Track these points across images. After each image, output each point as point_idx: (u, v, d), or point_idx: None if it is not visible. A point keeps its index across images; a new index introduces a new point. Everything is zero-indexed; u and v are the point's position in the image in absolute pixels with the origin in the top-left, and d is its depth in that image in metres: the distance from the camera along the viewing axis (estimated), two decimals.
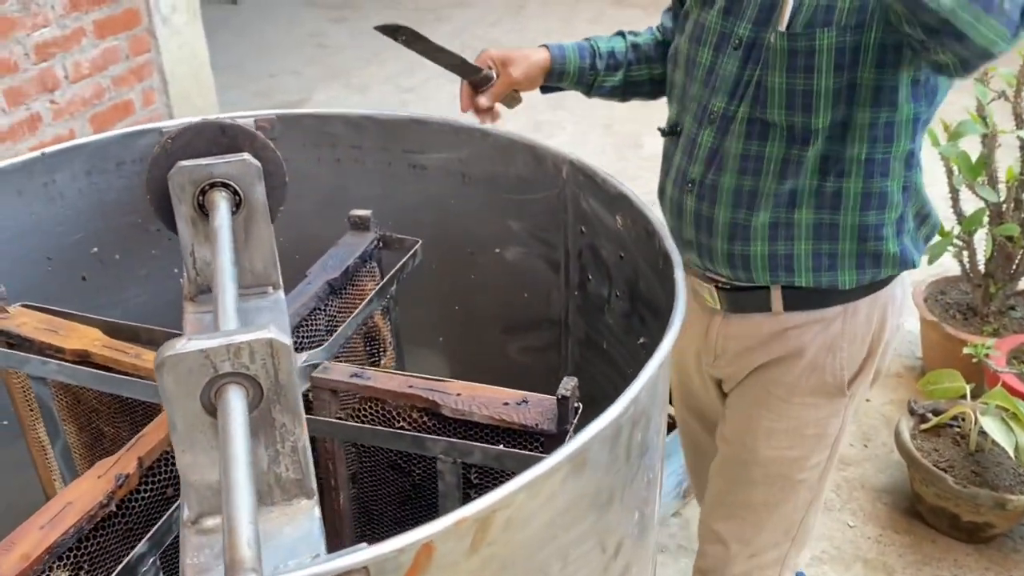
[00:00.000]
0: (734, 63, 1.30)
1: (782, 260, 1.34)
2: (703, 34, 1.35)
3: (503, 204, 1.33)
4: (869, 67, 1.21)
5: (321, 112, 1.39)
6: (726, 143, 1.29)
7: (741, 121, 1.29)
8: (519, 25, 5.93)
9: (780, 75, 1.24)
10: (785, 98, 1.25)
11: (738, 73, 1.29)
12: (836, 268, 1.34)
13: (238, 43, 5.63)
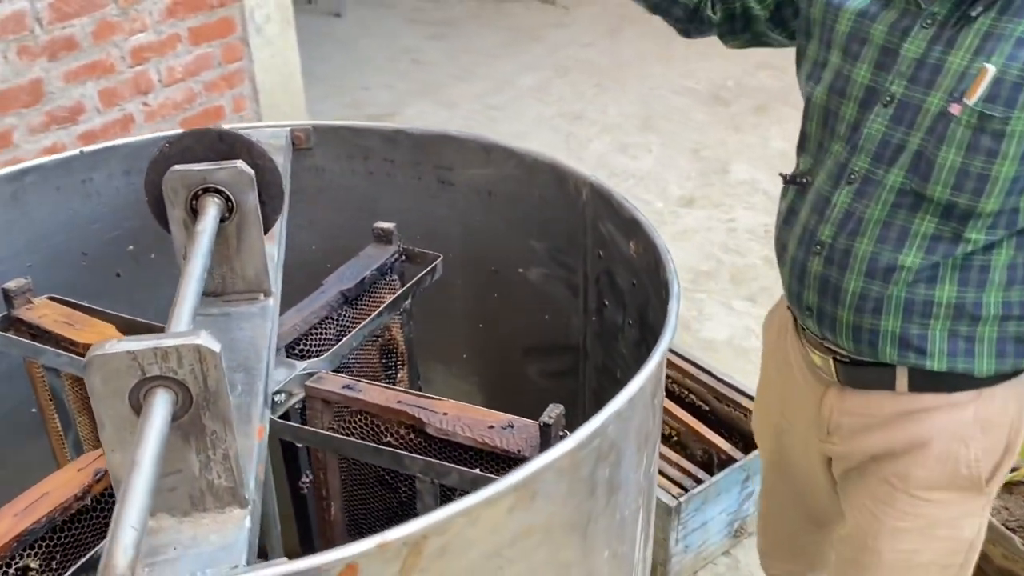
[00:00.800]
0: (883, 122, 1.17)
1: (914, 340, 1.20)
2: (847, 87, 1.22)
3: (527, 224, 1.32)
4: None
5: (355, 124, 1.40)
6: (867, 207, 1.17)
7: (890, 189, 1.16)
8: (614, 47, 5.91)
9: (955, 152, 1.11)
10: (955, 178, 1.12)
11: (887, 134, 1.17)
12: (973, 354, 1.20)
13: (337, 55, 5.77)
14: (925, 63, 1.14)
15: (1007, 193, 1.11)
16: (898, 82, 1.16)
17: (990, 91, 1.07)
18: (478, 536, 0.70)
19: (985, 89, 1.08)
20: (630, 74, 5.44)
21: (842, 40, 1.23)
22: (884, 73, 1.18)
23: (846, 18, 1.22)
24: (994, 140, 1.09)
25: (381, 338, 1.31)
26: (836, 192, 1.21)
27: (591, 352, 1.31)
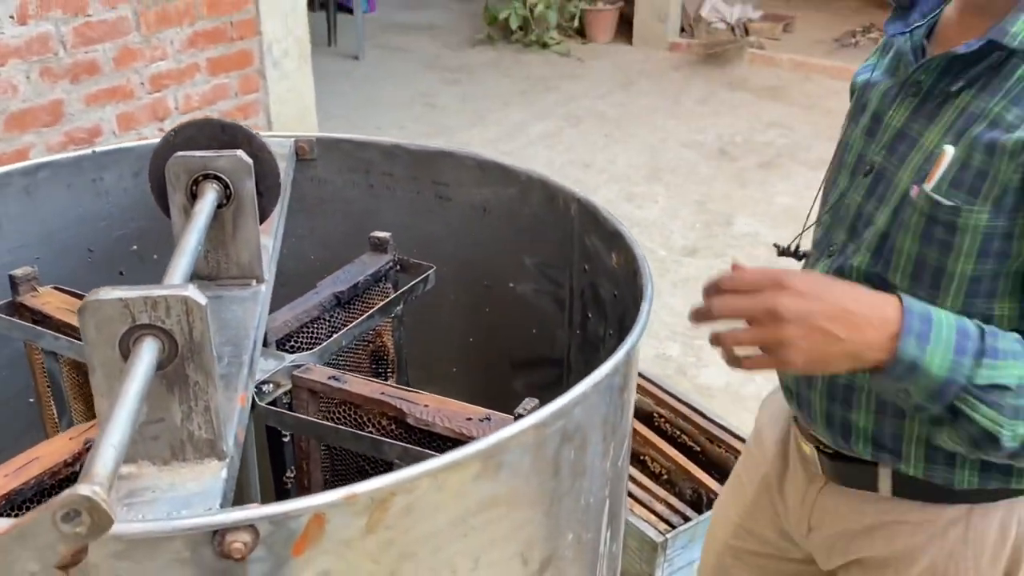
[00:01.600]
0: (860, 193, 1.12)
1: (888, 440, 1.11)
2: (845, 154, 1.18)
3: (519, 240, 1.36)
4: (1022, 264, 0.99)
5: (358, 138, 1.46)
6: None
7: (857, 270, 1.10)
8: (625, 100, 6.02)
9: (911, 240, 1.04)
10: (912, 267, 1.05)
11: (862, 206, 1.12)
12: (954, 464, 1.09)
13: (353, 95, 5.89)
14: (905, 135, 1.09)
15: (969, 295, 1.02)
16: (878, 151, 1.11)
17: (948, 177, 1.00)
18: (444, 501, 0.73)
19: (942, 174, 1.00)
20: (640, 126, 5.54)
21: (852, 109, 1.21)
22: (871, 140, 1.14)
23: (860, 87, 1.20)
24: (946, 231, 1.00)
25: (372, 344, 1.35)
26: (818, 265, 1.17)
27: (574, 364, 1.35)
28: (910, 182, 1.04)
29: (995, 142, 0.97)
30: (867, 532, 1.19)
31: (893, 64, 1.15)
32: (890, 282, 1.06)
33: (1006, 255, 0.98)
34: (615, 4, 7.11)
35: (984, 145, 0.98)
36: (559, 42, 6.92)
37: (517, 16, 6.79)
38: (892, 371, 0.90)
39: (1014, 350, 0.91)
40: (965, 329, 0.92)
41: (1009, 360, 0.90)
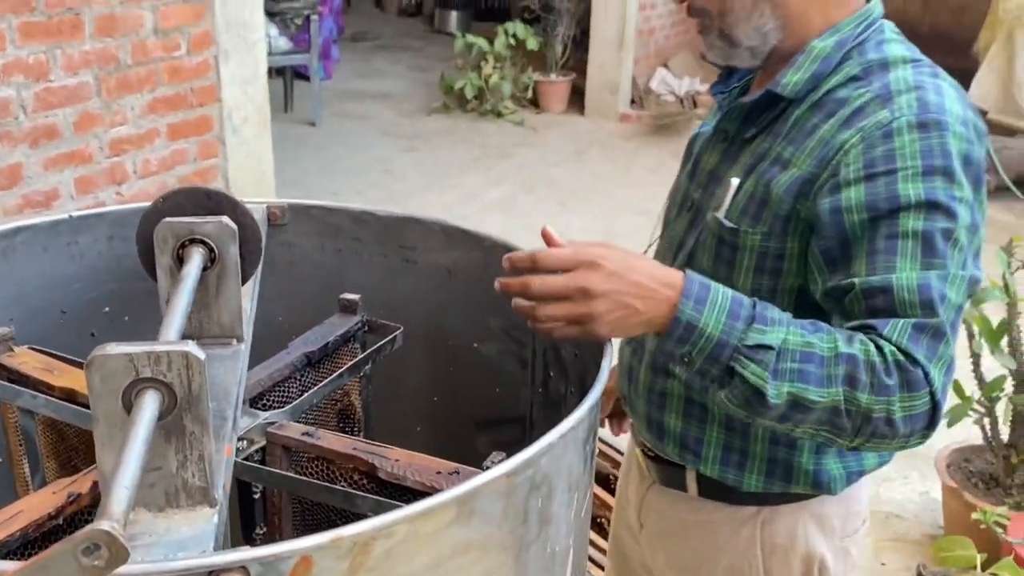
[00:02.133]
0: (683, 225, 1.32)
1: (692, 443, 1.28)
2: (676, 194, 1.39)
3: (483, 302, 1.42)
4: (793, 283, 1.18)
5: (328, 204, 1.52)
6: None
7: None
8: (579, 168, 6.17)
9: (707, 259, 1.23)
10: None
11: (682, 236, 1.31)
12: (744, 467, 1.25)
13: (311, 161, 5.96)
14: (715, 174, 1.28)
15: None
16: (697, 190, 1.31)
17: (738, 205, 1.19)
18: (421, 545, 0.78)
19: (730, 202, 1.20)
20: (593, 194, 5.68)
21: (684, 157, 1.42)
22: (693, 182, 1.33)
23: (692, 139, 1.41)
24: (731, 251, 1.19)
25: (340, 402, 1.40)
26: None
27: (537, 423, 1.41)
28: (712, 212, 1.23)
29: (773, 177, 1.16)
30: (681, 530, 1.34)
31: (714, 119, 1.36)
32: None
33: (780, 272, 1.17)
34: (567, 76, 7.32)
35: (765, 180, 1.17)
36: (513, 111, 7.09)
37: (473, 86, 6.95)
38: (673, 332, 1.02)
39: (782, 319, 1.04)
40: (740, 299, 1.04)
41: (776, 327, 1.02)
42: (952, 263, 1.05)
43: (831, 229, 1.09)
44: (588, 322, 1.00)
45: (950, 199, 1.06)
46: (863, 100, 1.13)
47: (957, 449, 2.91)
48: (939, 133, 1.08)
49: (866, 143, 1.09)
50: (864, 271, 1.06)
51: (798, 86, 1.18)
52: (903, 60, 1.16)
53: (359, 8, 11.11)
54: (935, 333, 1.02)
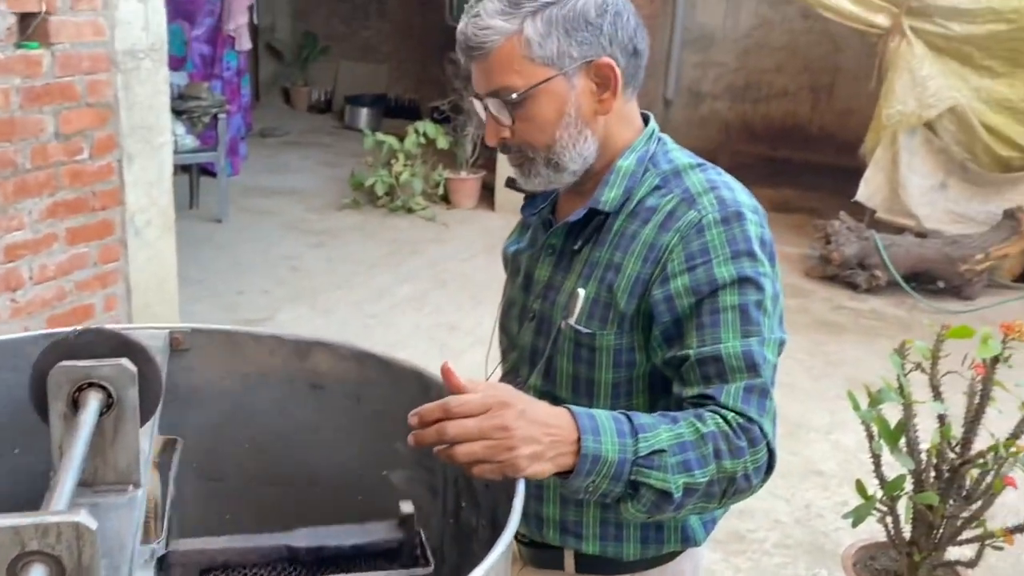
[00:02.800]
0: (529, 334, 1.46)
1: (572, 526, 1.43)
2: (511, 308, 1.54)
3: (392, 428, 1.40)
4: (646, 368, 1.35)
5: (232, 329, 1.49)
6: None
7: (535, 392, 1.40)
8: (490, 263, 6.21)
9: (567, 361, 1.39)
10: (571, 382, 1.40)
11: (533, 344, 1.45)
12: (622, 539, 1.41)
13: (216, 259, 5.87)
14: (551, 285, 1.44)
15: (613, 396, 1.37)
16: (535, 300, 1.46)
17: (585, 311, 1.35)
18: None
19: (579, 310, 1.35)
20: None
21: (510, 272, 1.58)
22: (529, 294, 1.48)
23: (512, 256, 1.57)
24: (589, 352, 1.36)
25: None
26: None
27: (447, 555, 1.38)
28: (560, 318, 1.39)
29: (612, 282, 1.34)
30: None
31: (534, 236, 1.53)
32: (558, 396, 1.39)
33: (633, 363, 1.35)
34: (477, 173, 7.43)
35: (606, 285, 1.35)
36: (424, 207, 7.15)
37: (383, 183, 7.00)
38: (581, 468, 1.12)
39: (652, 421, 1.18)
40: (617, 417, 1.17)
41: (653, 430, 1.16)
42: (765, 328, 1.27)
43: (666, 314, 1.30)
44: (510, 457, 1.08)
45: (756, 274, 1.29)
46: (671, 205, 1.34)
47: (862, 547, 2.97)
48: (739, 224, 1.31)
49: (684, 241, 1.31)
50: (695, 343, 1.26)
51: (615, 200, 1.38)
52: (691, 166, 1.40)
53: (268, 104, 11.14)
54: (761, 392, 1.23)
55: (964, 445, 2.63)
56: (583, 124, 1.35)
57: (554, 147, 1.35)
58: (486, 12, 1.30)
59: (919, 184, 6.11)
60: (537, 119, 1.33)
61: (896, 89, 5.90)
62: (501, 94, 1.32)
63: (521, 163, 1.38)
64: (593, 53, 1.32)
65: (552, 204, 1.51)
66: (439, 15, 10.92)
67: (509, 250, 1.60)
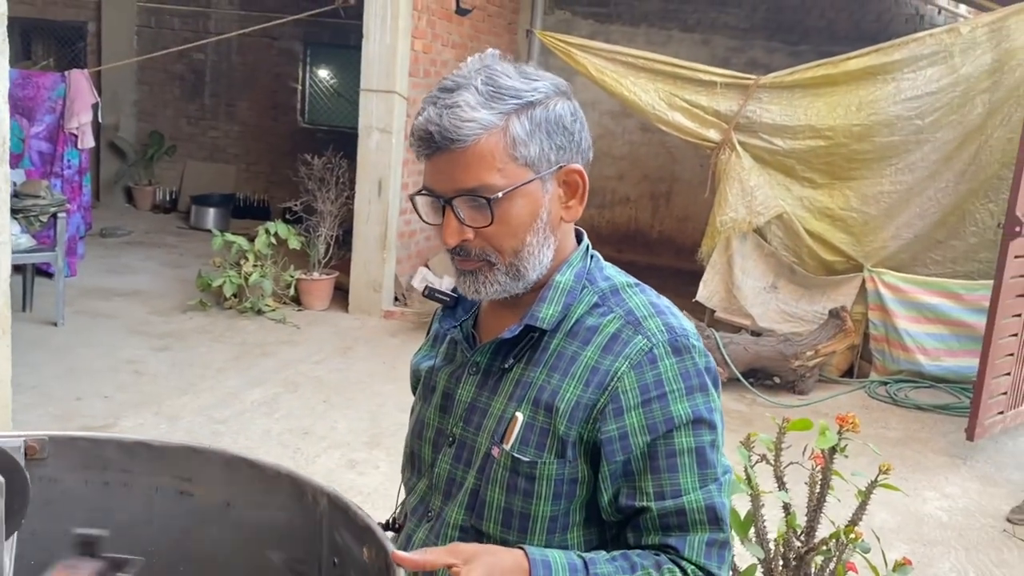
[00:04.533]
0: (448, 461, 1.36)
1: None
2: (423, 430, 1.42)
3: (265, 535, 1.38)
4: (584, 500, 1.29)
5: (95, 436, 1.44)
6: (436, 544, 1.31)
7: (453, 526, 1.33)
8: (344, 365, 6.14)
9: (499, 492, 1.30)
10: (502, 516, 1.30)
11: (451, 472, 1.36)
12: None
13: (51, 364, 5.56)
14: (475, 407, 1.34)
15: (548, 531, 1.29)
16: (456, 423, 1.36)
17: (522, 436, 1.27)
18: None
19: (517, 435, 1.27)
20: (359, 391, 5.65)
21: (421, 391, 1.46)
22: (446, 415, 1.38)
23: (425, 373, 1.46)
24: (527, 482, 1.27)
25: None
26: (419, 530, 1.39)
27: None
28: (489, 444, 1.30)
29: (551, 405, 1.26)
30: None
31: (451, 351, 1.42)
32: (484, 532, 1.31)
33: (572, 495, 1.27)
34: (331, 274, 7.40)
35: (543, 409, 1.27)
36: (275, 308, 7.04)
37: (232, 284, 6.86)
38: None
39: (609, 572, 1.17)
40: (574, 564, 1.16)
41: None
42: (719, 468, 1.26)
43: (619, 453, 1.24)
44: None
45: (710, 412, 1.27)
46: (614, 327, 1.29)
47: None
48: (689, 356, 1.28)
49: (636, 370, 1.25)
50: (653, 493, 1.23)
51: (553, 318, 1.31)
52: (628, 285, 1.35)
53: (109, 203, 10.81)
54: (722, 545, 1.24)
55: (808, 533, 2.77)
56: (550, 231, 1.29)
57: (521, 252, 1.27)
58: (467, 103, 1.20)
59: (752, 286, 6.51)
60: (512, 222, 1.25)
61: (728, 198, 6.32)
62: (479, 192, 1.23)
63: (476, 269, 1.28)
64: (566, 159, 1.28)
65: (474, 317, 1.42)
66: (290, 117, 11.00)
67: (422, 366, 1.48)
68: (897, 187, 6.28)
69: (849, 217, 6.40)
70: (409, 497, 1.47)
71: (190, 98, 11.22)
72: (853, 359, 6.48)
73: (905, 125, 6.12)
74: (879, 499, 2.67)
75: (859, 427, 2.71)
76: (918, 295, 6.22)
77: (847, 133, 6.17)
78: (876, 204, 6.33)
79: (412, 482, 1.46)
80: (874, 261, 6.43)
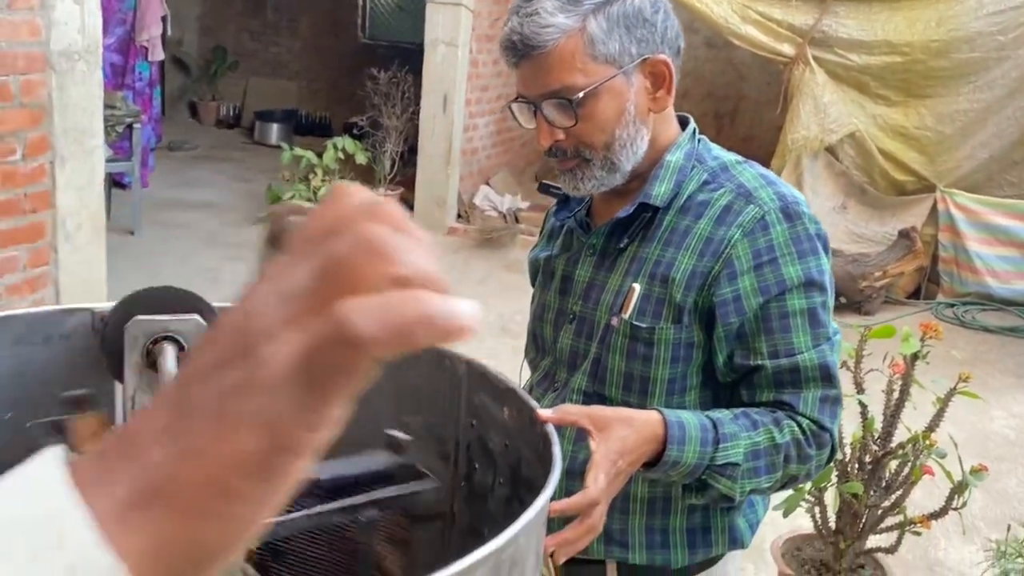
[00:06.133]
0: (569, 337, 1.44)
1: (616, 535, 1.39)
2: (545, 312, 1.51)
3: (400, 398, 1.47)
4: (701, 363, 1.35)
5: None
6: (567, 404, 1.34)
7: (577, 392, 1.40)
8: None
9: (619, 358, 1.37)
10: (623, 380, 1.37)
11: (573, 346, 1.43)
12: (669, 546, 1.39)
13: (132, 271, 5.75)
14: (593, 284, 1.42)
15: (667, 393, 1.36)
16: (575, 302, 1.44)
17: (639, 306, 1.34)
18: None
19: (635, 305, 1.34)
20: None
21: (541, 279, 1.55)
22: (566, 296, 1.47)
23: (543, 262, 1.55)
24: (646, 347, 1.34)
25: None
26: (544, 399, 1.47)
27: (458, 516, 1.45)
28: (608, 316, 1.38)
29: (666, 276, 1.33)
30: None
31: (567, 240, 1.51)
32: (606, 396, 1.39)
33: (689, 359, 1.35)
34: (396, 190, 7.48)
35: (659, 280, 1.34)
36: None
37: (302, 198, 6.97)
38: (660, 468, 1.21)
39: (735, 432, 1.24)
40: (704, 425, 1.23)
41: (734, 441, 1.23)
42: (830, 329, 1.31)
43: (732, 315, 1.30)
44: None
45: (820, 274, 1.31)
46: (726, 199, 1.34)
47: (789, 539, 3.14)
48: (801, 221, 1.32)
49: (749, 236, 1.31)
50: (767, 352, 1.29)
51: (666, 195, 1.37)
52: (736, 162, 1.41)
53: (175, 117, 10.95)
54: (835, 401, 1.30)
55: (885, 437, 2.84)
56: (640, 122, 1.33)
57: (613, 146, 1.32)
58: (544, 10, 1.26)
59: (821, 205, 6.45)
60: (598, 118, 1.30)
61: (800, 115, 6.23)
62: (562, 94, 1.29)
63: (574, 167, 1.35)
64: (649, 51, 1.31)
65: (587, 207, 1.50)
66: (351, 34, 10.96)
67: (540, 256, 1.57)
68: (974, 105, 6.14)
69: (923, 136, 6.29)
70: (534, 374, 1.56)
71: (252, 13, 11.24)
72: (920, 281, 6.44)
73: (986, 41, 5.96)
74: (946, 415, 2.72)
75: (942, 334, 2.75)
76: (990, 217, 6.14)
77: (925, 49, 6.03)
78: (951, 123, 6.21)
79: (536, 360, 1.55)
80: (947, 182, 6.34)
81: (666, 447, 1.19)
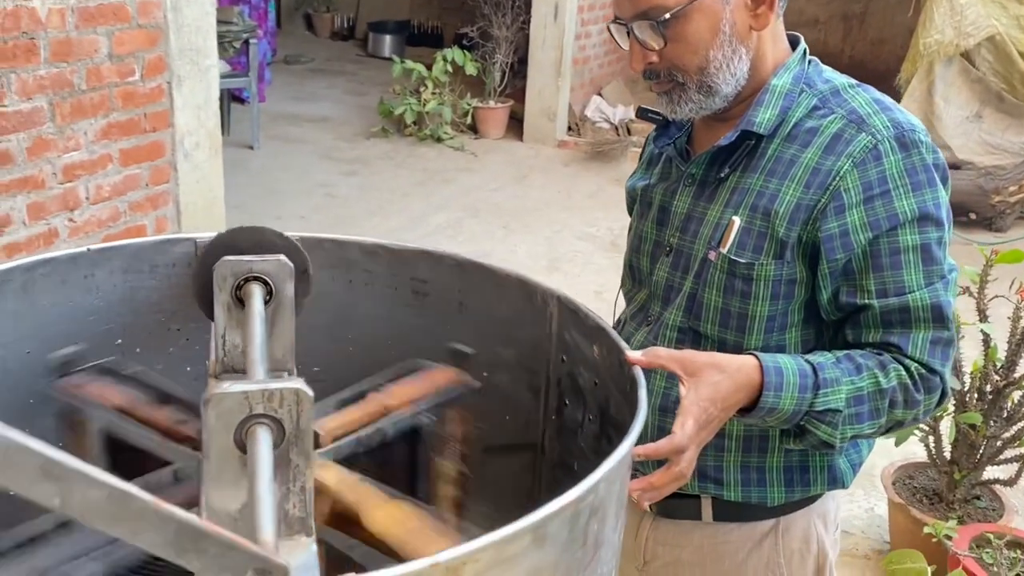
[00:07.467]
0: (665, 269, 1.39)
1: (711, 471, 1.35)
2: (641, 244, 1.46)
3: (494, 333, 1.47)
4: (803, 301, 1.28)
5: (339, 238, 1.55)
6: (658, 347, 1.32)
7: (671, 327, 1.36)
8: (520, 193, 6.25)
9: (716, 294, 1.31)
10: (720, 316, 1.31)
11: (669, 279, 1.38)
12: (765, 484, 1.35)
13: (251, 185, 5.92)
14: (692, 216, 1.35)
15: (766, 331, 1.29)
16: (672, 234, 1.38)
17: (739, 240, 1.27)
18: (502, 571, 0.82)
19: (734, 239, 1.28)
20: (536, 218, 5.76)
21: (638, 208, 1.49)
22: (663, 228, 1.40)
23: (640, 191, 1.48)
24: (745, 283, 1.28)
25: None
26: (637, 332, 1.43)
27: (548, 449, 1.45)
28: (705, 249, 1.31)
29: (769, 209, 1.25)
30: (696, 557, 1.41)
31: (666, 169, 1.44)
32: (702, 332, 1.34)
33: (791, 296, 1.27)
34: (506, 103, 7.42)
35: (760, 213, 1.26)
36: (453, 137, 7.16)
37: (412, 112, 7.00)
38: (756, 414, 1.17)
39: (836, 376, 1.18)
40: (804, 371, 1.18)
41: (835, 387, 1.18)
42: (945, 266, 1.23)
43: (839, 251, 1.22)
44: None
45: (937, 208, 1.22)
46: (836, 127, 1.25)
47: (901, 466, 3.05)
48: (917, 151, 1.23)
49: (860, 167, 1.22)
50: (876, 290, 1.21)
51: (771, 122, 1.28)
52: (849, 86, 1.30)
53: (291, 31, 11.07)
54: (947, 343, 1.22)
55: (1008, 368, 2.70)
56: (737, 42, 1.25)
57: (707, 69, 1.25)
58: None
59: (954, 115, 6.09)
60: (690, 39, 1.23)
61: (934, 18, 5.85)
62: (651, 14, 1.22)
63: (670, 90, 1.29)
64: None
65: (687, 134, 1.43)
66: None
67: (637, 185, 1.50)
68: None
69: None
70: (628, 306, 1.52)
71: None
72: None
73: None
74: None
75: None
76: None
77: None
78: None
79: (632, 292, 1.50)
80: None
81: (762, 393, 1.15)
